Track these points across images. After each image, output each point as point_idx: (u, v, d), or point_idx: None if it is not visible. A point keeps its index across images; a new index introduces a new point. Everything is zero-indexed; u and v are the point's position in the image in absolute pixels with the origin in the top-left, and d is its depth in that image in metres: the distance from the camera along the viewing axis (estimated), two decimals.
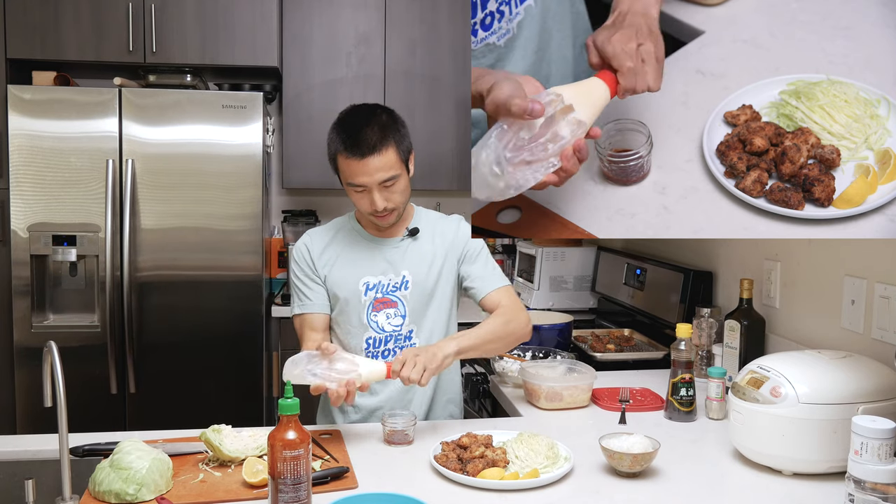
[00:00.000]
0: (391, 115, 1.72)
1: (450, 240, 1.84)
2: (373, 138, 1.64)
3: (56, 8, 2.89)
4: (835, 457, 1.32)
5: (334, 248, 1.82)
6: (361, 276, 1.78)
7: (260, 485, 1.29)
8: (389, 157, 1.66)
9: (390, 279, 1.78)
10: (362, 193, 1.69)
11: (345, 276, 1.78)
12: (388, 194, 1.69)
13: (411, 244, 1.81)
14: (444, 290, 1.81)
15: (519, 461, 1.37)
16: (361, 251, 1.80)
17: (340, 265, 1.79)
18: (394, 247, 1.81)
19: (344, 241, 1.83)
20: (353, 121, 1.69)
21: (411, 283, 1.78)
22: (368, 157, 1.63)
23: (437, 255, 1.81)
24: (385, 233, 1.81)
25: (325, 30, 3.27)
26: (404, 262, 1.79)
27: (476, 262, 1.84)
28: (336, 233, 1.85)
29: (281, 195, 3.62)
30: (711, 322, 2.03)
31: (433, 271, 1.80)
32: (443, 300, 1.81)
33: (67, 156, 2.77)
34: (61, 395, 1.21)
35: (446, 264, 1.81)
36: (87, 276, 2.86)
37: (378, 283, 1.78)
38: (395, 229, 1.82)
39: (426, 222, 1.86)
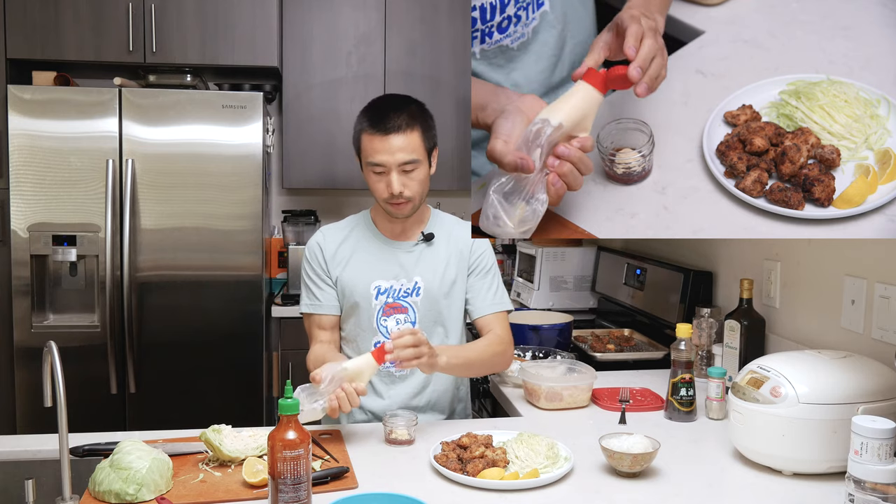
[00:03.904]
0: (421, 107, 1.73)
1: (463, 248, 1.82)
2: (399, 118, 1.64)
3: (56, 8, 2.89)
4: (835, 457, 1.32)
5: (348, 246, 1.80)
6: (373, 279, 1.76)
7: (260, 485, 1.29)
8: (413, 140, 1.66)
9: (402, 284, 1.76)
10: (380, 176, 1.67)
11: (357, 278, 1.76)
12: (406, 179, 1.67)
13: (425, 249, 1.79)
14: (456, 298, 1.79)
15: (519, 461, 1.37)
16: (375, 253, 1.79)
17: (353, 266, 1.78)
18: (407, 251, 1.79)
19: (358, 240, 1.81)
20: (383, 104, 1.70)
21: (423, 289, 1.76)
22: (392, 135, 1.63)
23: (450, 263, 1.79)
24: (400, 236, 1.80)
25: (325, 30, 3.27)
26: (417, 267, 1.77)
27: (483, 279, 1.82)
28: (351, 231, 1.83)
29: (281, 195, 3.62)
30: (711, 322, 2.03)
31: (446, 279, 1.78)
32: (453, 309, 1.79)
33: (67, 156, 2.77)
34: (61, 395, 1.21)
35: (459, 273, 1.80)
36: (87, 276, 2.86)
37: (390, 288, 1.76)
38: (409, 232, 1.80)
39: (441, 227, 1.84)
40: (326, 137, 3.29)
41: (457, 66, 3.34)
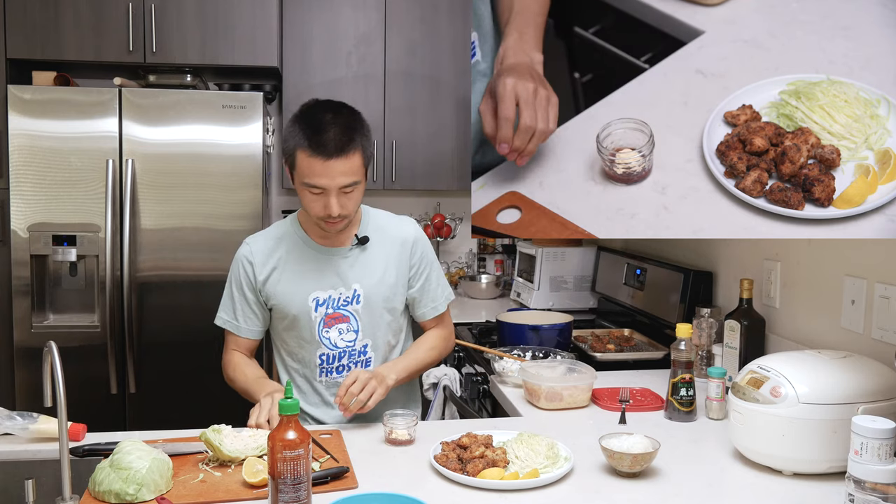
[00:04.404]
0: (358, 118, 1.63)
1: (400, 249, 1.77)
2: (341, 139, 1.55)
3: (56, 8, 2.89)
4: (835, 457, 1.32)
5: (279, 258, 1.73)
6: (310, 291, 1.71)
7: (260, 485, 1.29)
8: (354, 163, 1.58)
9: (341, 293, 1.72)
10: (317, 196, 1.59)
11: (293, 292, 1.71)
12: (344, 200, 1.60)
13: (360, 254, 1.74)
14: (397, 301, 1.77)
15: (519, 461, 1.37)
16: (309, 263, 1.72)
17: (288, 279, 1.72)
18: (343, 257, 1.73)
19: (289, 251, 1.74)
20: (320, 117, 1.58)
21: (363, 296, 1.72)
22: (334, 160, 1.54)
23: (389, 265, 1.75)
24: (333, 241, 1.73)
25: (325, 30, 3.27)
26: (354, 274, 1.73)
27: (426, 282, 1.81)
28: (279, 240, 1.76)
29: (281, 195, 3.62)
30: (711, 322, 2.03)
31: (385, 283, 1.74)
32: (396, 312, 1.78)
33: (67, 156, 2.77)
34: (61, 395, 1.21)
35: (399, 274, 1.76)
36: (87, 276, 2.86)
37: (328, 299, 1.72)
38: (342, 237, 1.74)
39: (375, 227, 1.78)
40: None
41: (457, 66, 3.34)
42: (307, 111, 1.62)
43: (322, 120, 1.57)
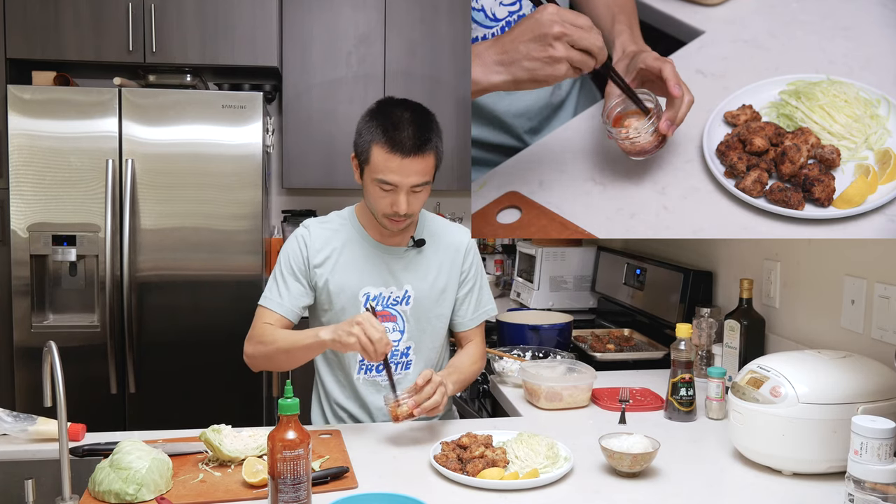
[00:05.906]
0: (434, 119, 1.64)
1: (453, 255, 1.78)
2: (419, 138, 1.55)
3: (56, 8, 2.89)
4: (834, 457, 1.32)
5: (333, 248, 1.73)
6: (363, 285, 1.71)
7: (260, 485, 1.29)
8: (428, 163, 1.58)
9: (392, 292, 1.72)
10: (387, 193, 1.59)
11: (345, 283, 1.71)
12: (412, 199, 1.60)
13: (415, 256, 1.75)
14: (444, 307, 1.77)
15: (519, 461, 1.37)
16: (364, 258, 1.72)
17: (341, 270, 1.71)
18: (398, 257, 1.74)
19: (345, 243, 1.74)
20: (399, 114, 1.58)
21: (413, 298, 1.73)
22: (410, 158, 1.55)
23: (441, 271, 1.76)
24: (390, 240, 1.74)
25: (325, 30, 3.27)
26: (407, 275, 1.73)
27: (472, 290, 1.80)
28: (337, 231, 1.75)
29: (281, 195, 3.62)
30: (711, 322, 2.03)
31: (436, 288, 1.75)
32: (441, 318, 1.78)
33: (67, 156, 2.77)
34: (61, 395, 1.21)
35: (450, 282, 1.77)
36: (87, 276, 2.86)
37: (379, 295, 1.72)
38: (400, 237, 1.74)
39: (431, 231, 1.79)
40: (326, 137, 3.29)
41: (457, 66, 3.34)
42: (385, 107, 1.62)
43: (401, 118, 1.58)
